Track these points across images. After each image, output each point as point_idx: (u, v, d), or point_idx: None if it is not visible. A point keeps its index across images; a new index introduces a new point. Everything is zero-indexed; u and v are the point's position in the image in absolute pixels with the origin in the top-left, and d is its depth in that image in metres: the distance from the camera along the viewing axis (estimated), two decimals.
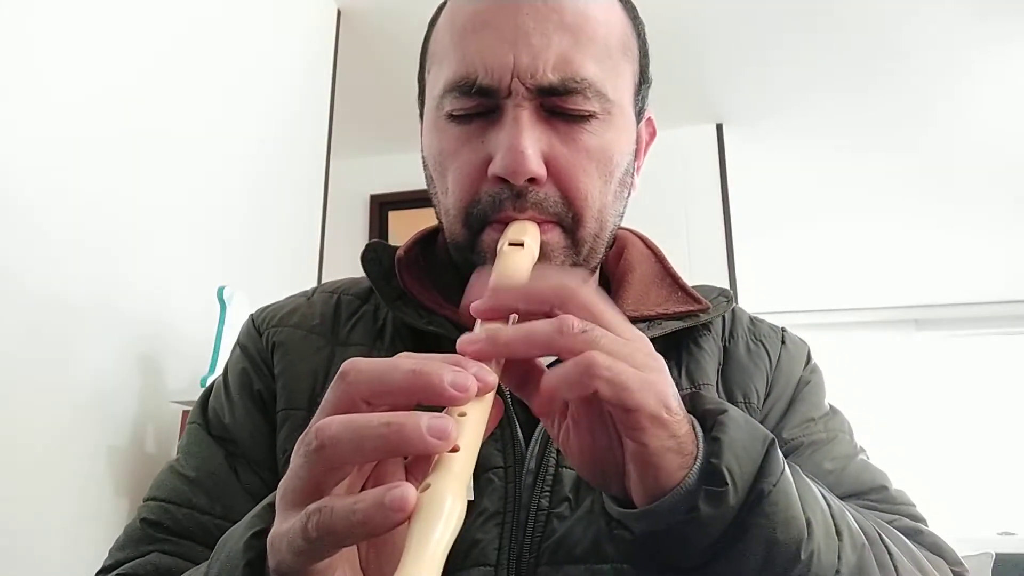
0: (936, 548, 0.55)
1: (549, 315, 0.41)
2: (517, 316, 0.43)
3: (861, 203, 3.45)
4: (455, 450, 0.33)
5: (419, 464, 0.37)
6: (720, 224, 2.77)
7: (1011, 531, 3.87)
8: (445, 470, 0.33)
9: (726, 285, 2.85)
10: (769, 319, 0.71)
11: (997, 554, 2.45)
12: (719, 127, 2.87)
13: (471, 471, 0.34)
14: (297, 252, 1.99)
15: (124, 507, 1.31)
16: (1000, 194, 3.32)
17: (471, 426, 0.35)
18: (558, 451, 0.54)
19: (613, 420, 0.41)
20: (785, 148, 3.04)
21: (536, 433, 0.55)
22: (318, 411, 0.35)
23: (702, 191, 2.80)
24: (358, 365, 0.35)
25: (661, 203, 2.70)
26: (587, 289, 0.42)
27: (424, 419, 0.31)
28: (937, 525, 0.59)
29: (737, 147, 2.88)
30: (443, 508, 0.31)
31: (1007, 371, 4.41)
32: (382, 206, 2.99)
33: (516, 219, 0.55)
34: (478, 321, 0.42)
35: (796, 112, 2.79)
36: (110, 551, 0.58)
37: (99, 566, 0.58)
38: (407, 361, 0.35)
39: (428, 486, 0.32)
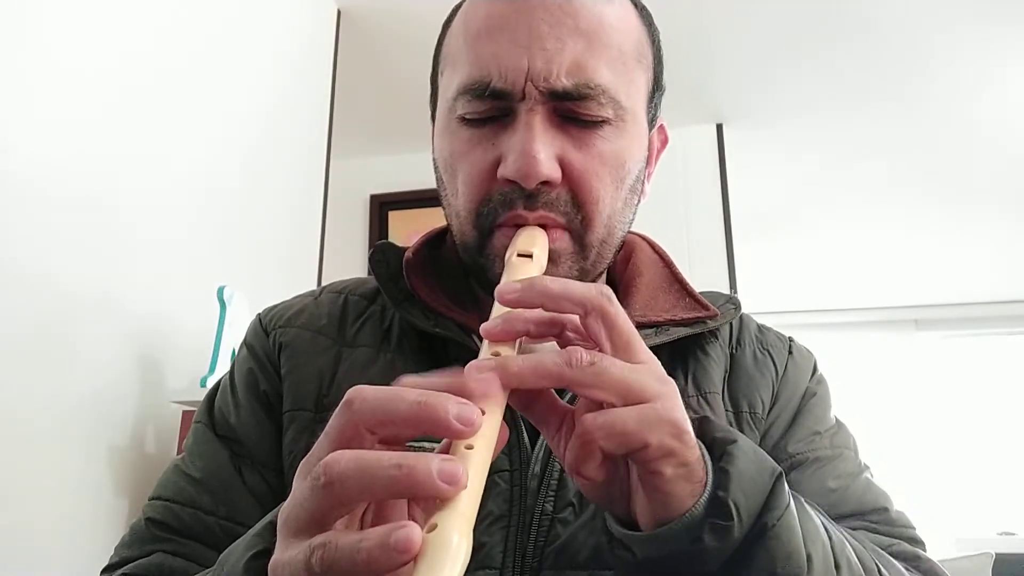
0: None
1: (560, 336, 0.42)
2: (525, 337, 0.42)
3: (861, 203, 3.45)
4: None
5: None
6: (720, 224, 2.77)
7: (1011, 531, 3.87)
8: (451, 509, 0.32)
9: (726, 284, 2.85)
10: (769, 319, 0.71)
11: (997, 554, 2.45)
12: (719, 127, 2.86)
13: (477, 508, 0.34)
14: (297, 252, 1.98)
15: (124, 507, 1.30)
16: (1000, 195, 3.32)
17: (478, 461, 0.35)
18: None
19: None
20: (785, 148, 3.04)
21: (541, 439, 0.55)
22: (322, 437, 0.35)
23: (702, 191, 2.80)
24: (363, 393, 0.34)
25: (661, 203, 2.71)
26: (616, 305, 0.41)
27: (435, 463, 0.31)
28: (937, 525, 0.60)
29: (737, 147, 2.88)
30: (450, 549, 0.30)
31: (1007, 371, 4.42)
32: (382, 206, 2.98)
33: (526, 220, 0.55)
34: (485, 342, 0.42)
35: (796, 112, 2.79)
36: (116, 549, 0.59)
37: (99, 565, 0.58)
38: (413, 392, 0.34)
39: (435, 526, 0.31)
